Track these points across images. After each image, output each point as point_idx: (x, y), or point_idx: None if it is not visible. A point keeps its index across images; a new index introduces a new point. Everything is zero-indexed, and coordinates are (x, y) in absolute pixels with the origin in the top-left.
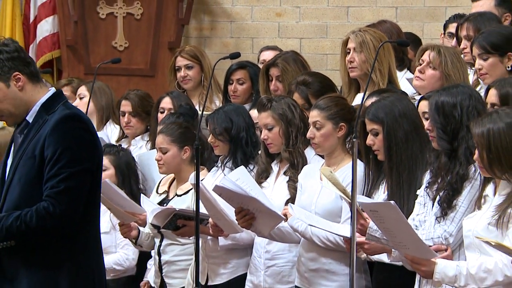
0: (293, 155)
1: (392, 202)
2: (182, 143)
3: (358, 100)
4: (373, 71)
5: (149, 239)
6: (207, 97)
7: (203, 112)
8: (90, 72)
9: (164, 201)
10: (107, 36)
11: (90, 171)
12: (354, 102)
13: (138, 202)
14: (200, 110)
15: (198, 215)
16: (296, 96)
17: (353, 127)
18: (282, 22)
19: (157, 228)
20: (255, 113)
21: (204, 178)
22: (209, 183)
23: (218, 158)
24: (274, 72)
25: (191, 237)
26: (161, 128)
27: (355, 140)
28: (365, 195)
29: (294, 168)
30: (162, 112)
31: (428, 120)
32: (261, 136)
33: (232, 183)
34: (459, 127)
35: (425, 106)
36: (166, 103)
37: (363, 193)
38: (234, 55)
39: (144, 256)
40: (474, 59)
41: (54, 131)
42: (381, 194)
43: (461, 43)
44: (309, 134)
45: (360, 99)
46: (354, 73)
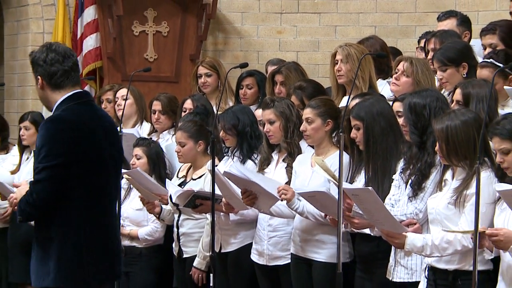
0: (291, 146)
1: (370, 188)
2: (197, 138)
3: (344, 102)
4: (357, 78)
5: (170, 215)
6: (222, 99)
7: (218, 112)
8: (126, 79)
9: (183, 184)
10: (140, 50)
11: (66, 164)
12: (341, 103)
13: (165, 185)
14: (216, 111)
15: (214, 195)
16: (293, 98)
17: (338, 123)
18: (282, 38)
19: (177, 206)
20: (259, 112)
21: (217, 165)
22: (222, 170)
23: (228, 149)
24: (279, 78)
25: (207, 213)
26: (180, 126)
27: (342, 134)
28: (349, 178)
29: (291, 157)
30: (185, 111)
31: (402, 118)
32: (264, 129)
33: (238, 170)
34: (428, 124)
35: (399, 106)
36: (188, 104)
37: (348, 177)
38: (243, 65)
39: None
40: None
41: (39, 132)
42: (362, 178)
43: (429, 55)
44: (302, 128)
45: (346, 101)
46: (341, 80)
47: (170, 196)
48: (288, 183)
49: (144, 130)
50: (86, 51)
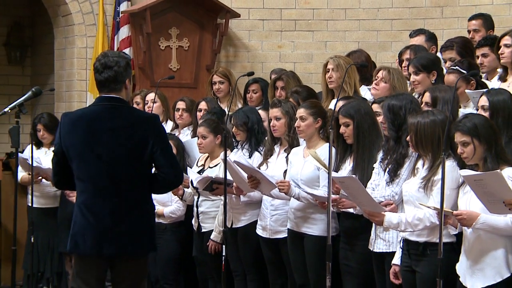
0: (292, 139)
1: (354, 176)
2: (216, 133)
3: (333, 104)
4: (344, 84)
5: (191, 196)
6: (232, 102)
7: (229, 112)
8: (154, 85)
9: (202, 171)
10: (165, 61)
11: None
12: (330, 105)
13: (186, 172)
14: (228, 111)
15: (227, 181)
16: (291, 100)
17: (326, 122)
18: (282, 52)
19: (197, 189)
20: (263, 113)
21: (229, 156)
22: (233, 159)
23: (239, 143)
24: (280, 84)
25: (221, 195)
26: (202, 122)
27: (331, 130)
28: (335, 167)
29: (292, 148)
30: (200, 111)
31: (382, 116)
32: (270, 124)
33: (244, 160)
34: (403, 122)
35: (377, 107)
36: (203, 105)
37: (334, 166)
38: (250, 74)
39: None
40: (410, 74)
41: None
42: (347, 166)
43: (403, 64)
44: (297, 124)
45: (334, 103)
46: (332, 85)
47: (191, 181)
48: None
49: (168, 127)
50: None
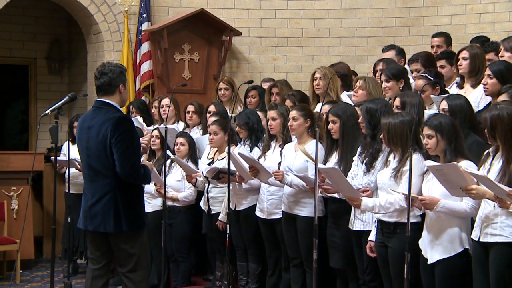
0: (286, 136)
1: (336, 167)
2: (226, 131)
3: (319, 107)
4: (329, 90)
5: (202, 184)
6: (234, 105)
7: (232, 114)
8: (169, 92)
9: (211, 163)
10: (179, 71)
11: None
12: (316, 108)
13: (197, 164)
14: (230, 113)
15: (231, 171)
16: (288, 101)
17: (314, 122)
18: (276, 64)
19: (207, 178)
20: (261, 114)
21: (234, 150)
22: (236, 153)
23: (241, 140)
24: (275, 90)
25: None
26: (214, 121)
27: (317, 129)
28: (323, 159)
29: (285, 144)
30: (209, 113)
31: (360, 117)
32: (268, 124)
33: (246, 152)
34: (378, 122)
35: (357, 110)
36: (212, 108)
37: (323, 159)
38: (250, 82)
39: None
40: (382, 82)
41: None
42: (333, 159)
43: (377, 73)
44: (290, 123)
45: (320, 106)
46: (319, 91)
47: (203, 172)
48: (281, 162)
49: (180, 127)
50: (143, 72)
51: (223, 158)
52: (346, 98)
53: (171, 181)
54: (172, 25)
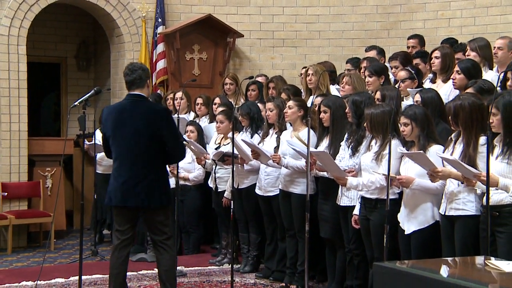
0: (281, 125)
1: (326, 151)
2: (230, 119)
3: (311, 100)
4: (320, 85)
5: (210, 165)
6: (238, 98)
7: (236, 105)
8: (181, 86)
9: (218, 147)
10: (190, 68)
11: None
12: (309, 101)
13: (204, 148)
14: (234, 105)
15: (234, 154)
16: (283, 94)
17: (307, 112)
18: (274, 62)
19: (214, 161)
20: (261, 106)
21: (237, 136)
22: (239, 139)
23: (244, 127)
24: (271, 85)
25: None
26: (220, 111)
27: (309, 118)
28: (315, 144)
29: (281, 131)
30: (215, 104)
31: (347, 108)
32: (266, 114)
33: (248, 139)
34: (363, 112)
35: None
36: (217, 100)
37: (314, 144)
38: (250, 77)
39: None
40: (365, 77)
41: None
42: (324, 144)
43: (361, 70)
44: (285, 110)
45: (312, 98)
46: (311, 86)
47: (210, 155)
48: (277, 147)
49: (190, 117)
50: (159, 69)
51: (228, 143)
52: (335, 91)
53: (183, 163)
54: (184, 29)
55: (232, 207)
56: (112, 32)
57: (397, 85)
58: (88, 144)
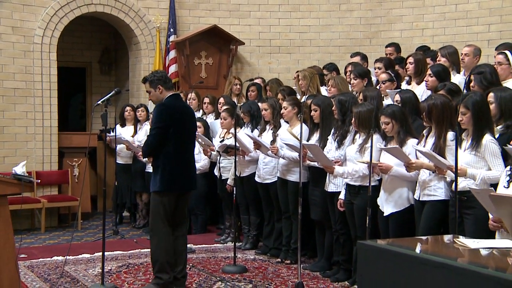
0: (276, 122)
1: (316, 144)
2: (233, 116)
3: (303, 100)
4: (311, 87)
5: (215, 156)
6: (240, 97)
7: (238, 104)
8: (190, 87)
9: (222, 141)
10: (198, 72)
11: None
12: (302, 100)
13: (211, 141)
14: (237, 103)
15: (236, 146)
16: (279, 95)
17: (300, 109)
18: (271, 66)
19: (219, 152)
20: (260, 105)
21: (239, 131)
22: (241, 133)
23: (245, 123)
24: (268, 87)
25: (233, 156)
26: (224, 109)
27: (301, 115)
28: (307, 138)
29: (276, 128)
30: (220, 103)
31: (334, 106)
32: (263, 113)
33: (250, 133)
34: (347, 110)
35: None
36: (221, 100)
37: (306, 137)
38: (251, 80)
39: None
40: (351, 80)
41: (154, 110)
42: (315, 138)
43: (347, 73)
44: (282, 111)
45: (304, 99)
46: (303, 88)
47: (215, 147)
48: (273, 141)
49: (198, 114)
50: (171, 73)
51: (231, 137)
52: (325, 92)
53: None
54: (192, 37)
55: (235, 193)
56: (131, 41)
57: (378, 86)
58: (110, 137)
